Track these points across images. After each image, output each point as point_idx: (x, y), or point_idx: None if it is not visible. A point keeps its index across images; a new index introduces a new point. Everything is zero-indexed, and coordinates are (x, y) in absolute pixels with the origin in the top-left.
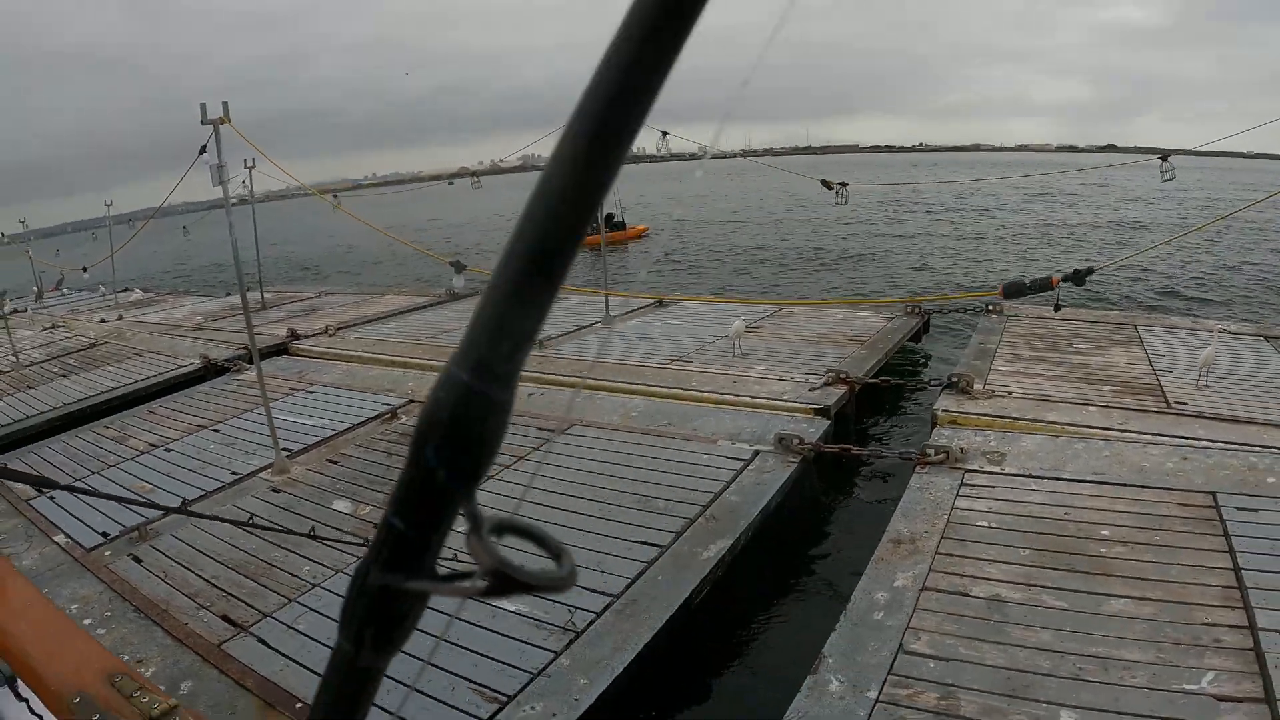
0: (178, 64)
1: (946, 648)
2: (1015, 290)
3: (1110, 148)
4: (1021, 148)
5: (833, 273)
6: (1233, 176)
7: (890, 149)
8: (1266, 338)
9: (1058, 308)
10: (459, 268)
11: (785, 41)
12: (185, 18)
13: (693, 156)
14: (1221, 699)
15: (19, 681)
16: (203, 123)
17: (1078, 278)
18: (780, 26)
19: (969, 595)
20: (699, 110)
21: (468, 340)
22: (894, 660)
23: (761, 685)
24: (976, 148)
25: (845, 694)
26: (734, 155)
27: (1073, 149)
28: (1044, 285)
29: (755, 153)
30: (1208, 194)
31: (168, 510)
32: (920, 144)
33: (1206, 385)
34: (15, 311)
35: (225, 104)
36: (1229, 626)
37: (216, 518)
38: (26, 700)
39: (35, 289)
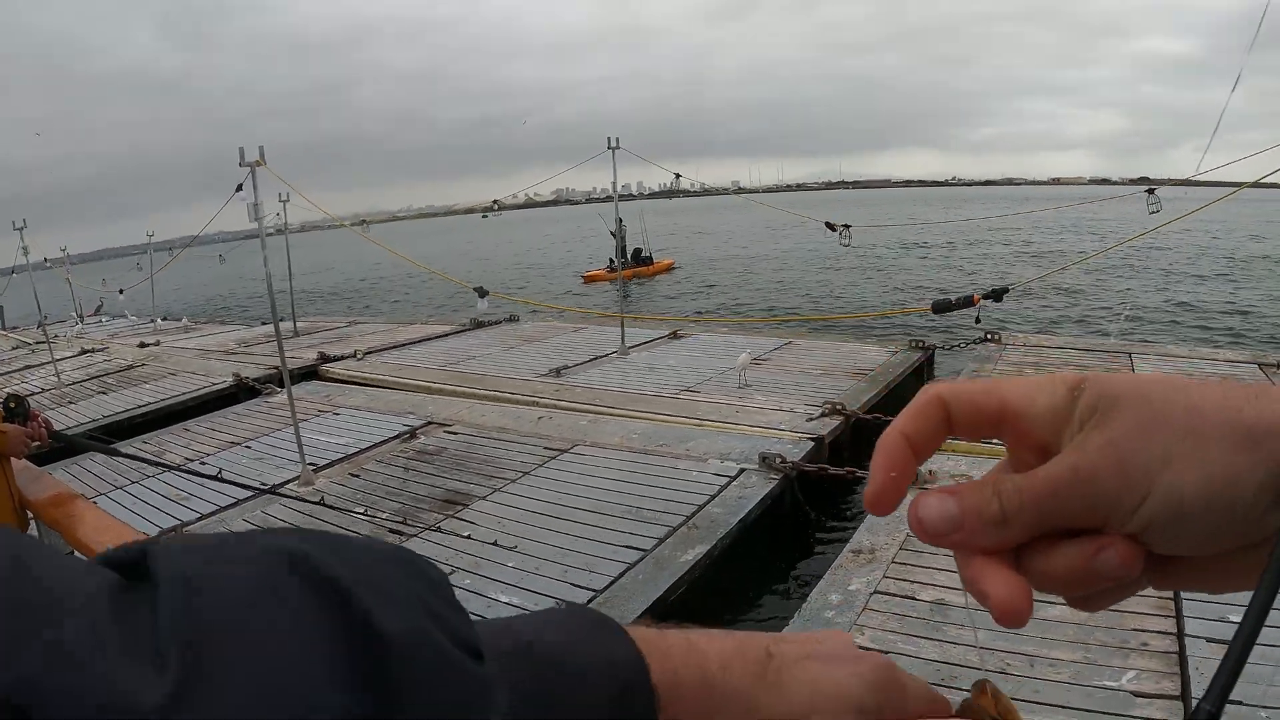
0: (223, 91)
1: (887, 642)
2: (943, 307)
3: (1143, 180)
4: (1055, 181)
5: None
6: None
7: (923, 184)
8: (1261, 365)
9: (978, 320)
10: (482, 293)
11: (820, 76)
12: (232, 45)
13: (725, 191)
14: (1138, 694)
15: None
16: (240, 165)
17: (996, 295)
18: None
19: (915, 599)
20: (730, 146)
21: None
22: None
23: None
24: (1010, 182)
25: None
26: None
27: (1106, 181)
28: (967, 302)
29: (790, 187)
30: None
31: (257, 490)
32: (953, 178)
33: None
34: (56, 337)
35: (261, 148)
36: (1157, 632)
37: (299, 497)
38: None
39: (75, 314)
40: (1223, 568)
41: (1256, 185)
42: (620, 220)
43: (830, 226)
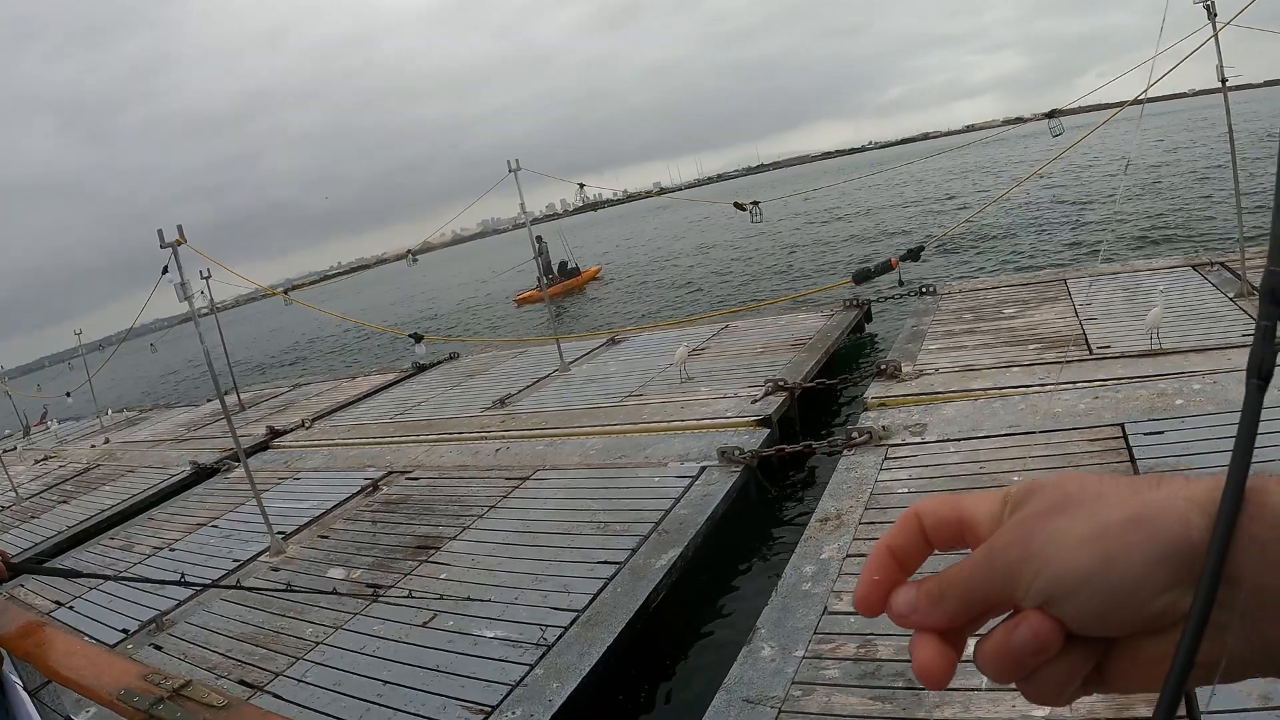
0: (131, 182)
1: None
2: (862, 276)
3: (1055, 112)
4: (969, 128)
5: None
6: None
7: (841, 153)
8: (1194, 267)
9: (901, 283)
10: (417, 339)
11: (717, 68)
12: (130, 135)
13: (648, 194)
14: None
15: None
16: (162, 247)
17: (913, 255)
18: None
19: None
20: (645, 150)
21: None
22: (819, 621)
23: (710, 663)
24: (925, 136)
25: (775, 656)
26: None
27: (1019, 120)
28: (885, 268)
29: (710, 179)
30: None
31: (205, 586)
32: (870, 142)
33: (1158, 345)
34: (7, 451)
35: (180, 226)
36: None
37: (258, 589)
38: None
39: (22, 425)
40: (1133, 656)
41: (1136, 103)
42: (539, 238)
43: (739, 206)
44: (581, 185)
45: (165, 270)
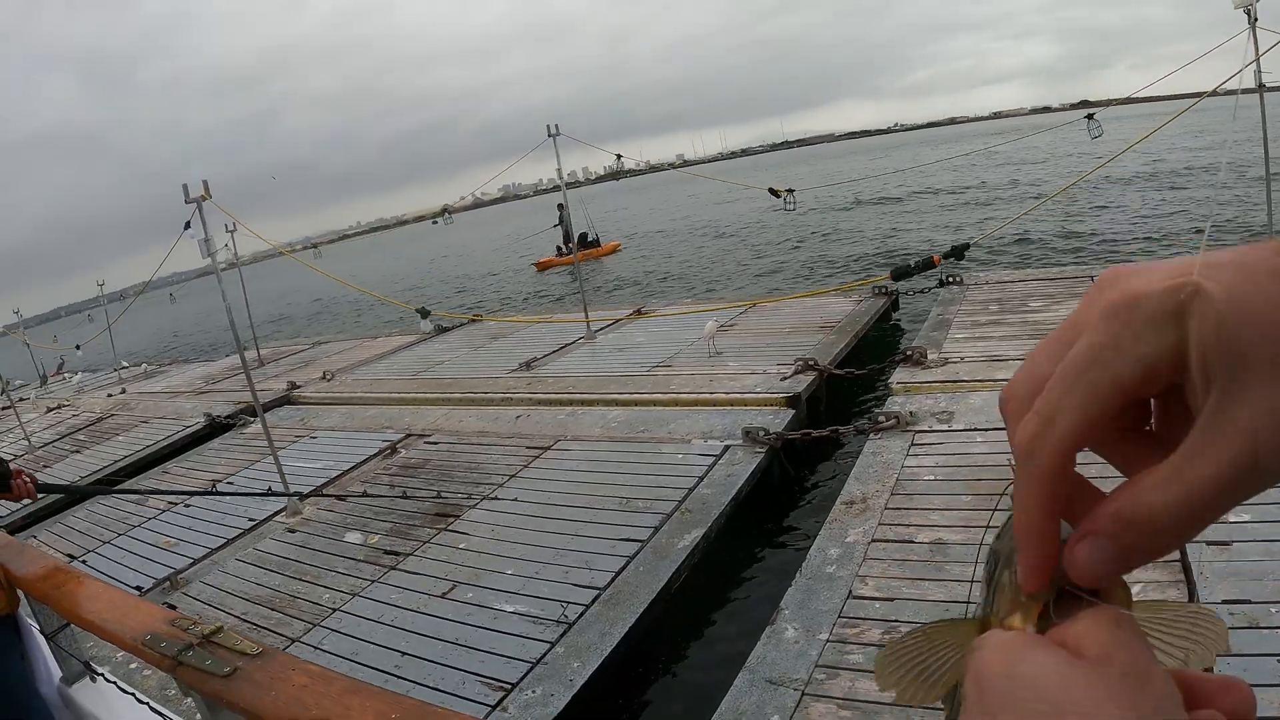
0: (149, 137)
1: (891, 589)
2: (902, 273)
3: (1084, 103)
4: (995, 115)
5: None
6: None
7: (866, 133)
8: None
9: (942, 283)
10: (424, 313)
11: (741, 43)
12: (149, 92)
13: (671, 165)
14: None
15: (98, 674)
16: (186, 202)
17: (957, 253)
18: None
19: (914, 542)
20: (668, 122)
21: None
22: (843, 605)
23: (731, 645)
24: (952, 121)
25: (799, 638)
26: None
27: (1047, 109)
28: (927, 264)
29: (734, 154)
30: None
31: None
32: (895, 124)
33: None
34: (22, 400)
35: (205, 182)
36: None
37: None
38: (114, 682)
39: (39, 374)
40: None
41: (1214, 95)
42: (560, 205)
43: (774, 193)
44: (619, 156)
45: (188, 225)
